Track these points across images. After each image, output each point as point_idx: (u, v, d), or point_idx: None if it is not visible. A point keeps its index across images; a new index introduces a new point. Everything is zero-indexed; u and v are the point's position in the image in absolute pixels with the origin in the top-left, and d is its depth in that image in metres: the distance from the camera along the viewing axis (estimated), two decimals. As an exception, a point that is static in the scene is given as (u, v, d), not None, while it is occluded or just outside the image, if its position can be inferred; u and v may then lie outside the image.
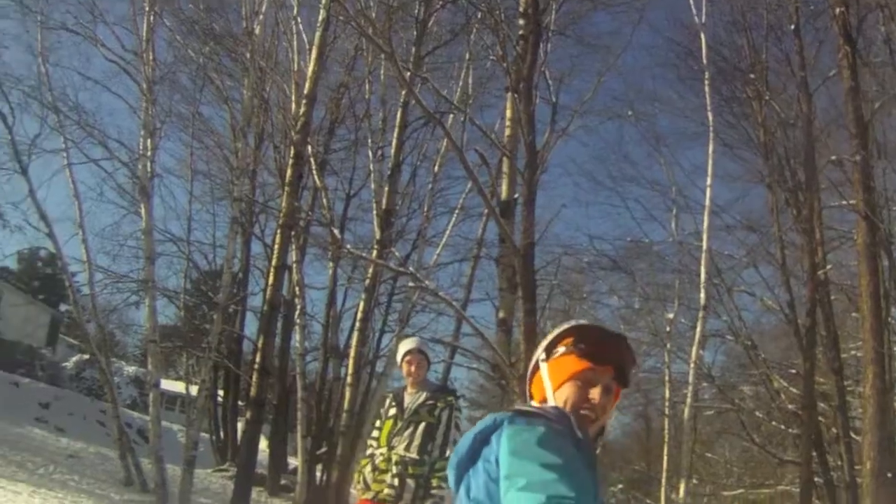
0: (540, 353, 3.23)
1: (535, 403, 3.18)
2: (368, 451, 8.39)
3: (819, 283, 22.62)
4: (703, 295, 24.23)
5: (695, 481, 30.86)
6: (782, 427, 27.03)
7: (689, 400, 24.78)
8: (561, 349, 3.14)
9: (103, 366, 25.03)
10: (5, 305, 47.48)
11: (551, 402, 3.08)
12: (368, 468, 8.17)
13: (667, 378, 28.17)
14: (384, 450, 8.08)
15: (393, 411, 8.25)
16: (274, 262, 24.82)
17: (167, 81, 27.70)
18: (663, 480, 26.57)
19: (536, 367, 3.23)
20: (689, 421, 25.06)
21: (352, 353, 25.13)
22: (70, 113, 25.33)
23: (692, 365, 24.90)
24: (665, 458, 26.73)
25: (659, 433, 36.80)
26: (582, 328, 3.21)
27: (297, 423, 29.29)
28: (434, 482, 7.81)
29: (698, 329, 24.67)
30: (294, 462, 33.44)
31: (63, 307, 61.53)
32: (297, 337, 30.52)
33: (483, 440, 2.91)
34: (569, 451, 2.67)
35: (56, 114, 25.11)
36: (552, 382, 3.11)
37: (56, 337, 57.05)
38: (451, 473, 3.13)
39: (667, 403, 28.05)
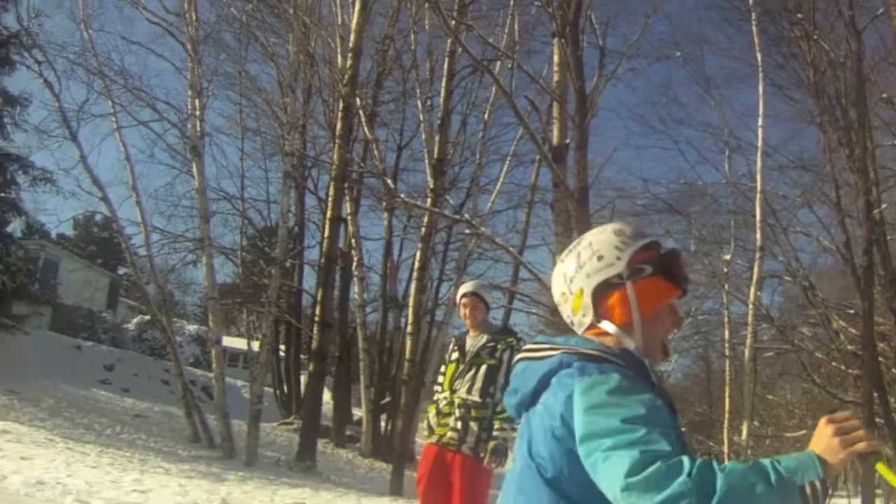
0: (615, 267, 2.89)
1: (606, 332, 2.87)
2: (435, 396, 8.44)
3: (875, 222, 22.32)
4: (758, 236, 24.08)
5: (756, 423, 30.86)
6: (842, 368, 26.74)
7: (748, 341, 24.68)
8: (647, 269, 2.89)
9: (165, 325, 25.24)
10: (64, 271, 47.76)
11: (636, 329, 2.83)
12: (433, 412, 8.21)
13: (726, 320, 28.10)
14: (447, 393, 8.09)
15: (455, 355, 8.25)
16: (329, 214, 24.90)
17: (211, 41, 27.88)
18: (725, 423, 26.46)
19: (610, 286, 2.87)
20: (749, 362, 24.95)
21: (411, 302, 25.19)
22: (116, 77, 25.59)
23: (751, 306, 24.82)
24: (727, 400, 26.67)
25: (719, 375, 36.81)
26: (673, 252, 3.05)
27: (360, 374, 29.60)
28: (496, 424, 7.79)
29: (755, 270, 24.55)
30: (358, 413, 33.75)
31: (121, 270, 61.90)
32: (355, 289, 30.83)
33: (546, 382, 2.74)
34: (648, 399, 2.51)
35: (102, 79, 25.27)
36: (641, 307, 2.85)
37: (116, 300, 57.40)
38: (510, 409, 3.00)
39: (727, 345, 27.99)
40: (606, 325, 2.87)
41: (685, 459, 2.26)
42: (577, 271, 2.94)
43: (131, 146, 26.68)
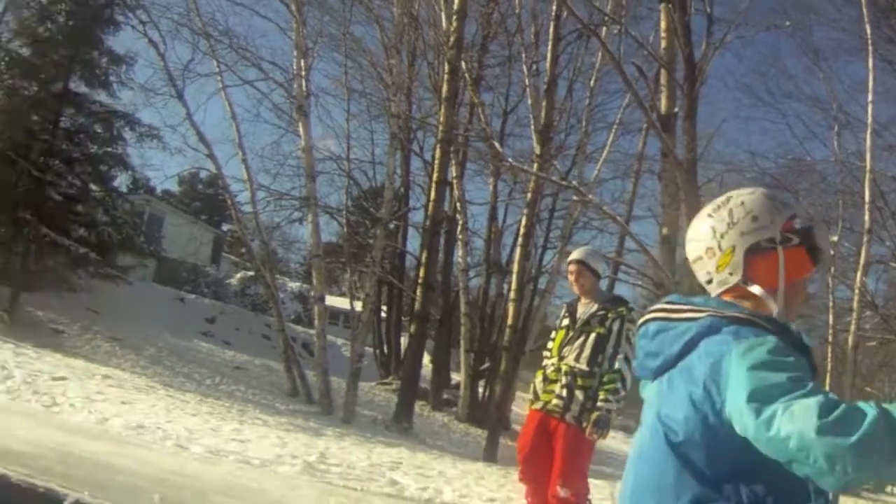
0: (769, 231, 2.85)
1: (744, 295, 2.84)
2: (543, 362, 8.36)
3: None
4: (867, 218, 23.52)
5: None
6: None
7: (852, 328, 24.18)
8: (795, 240, 2.85)
9: (268, 281, 25.45)
10: (169, 226, 48.39)
11: (780, 296, 2.79)
12: (539, 378, 8.14)
13: (830, 304, 27.72)
14: (555, 360, 8.02)
15: (566, 321, 8.16)
16: (435, 177, 24.88)
17: (316, 2, 27.98)
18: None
19: (760, 249, 2.84)
20: (851, 350, 24.52)
21: (514, 268, 25.05)
22: (221, 37, 25.86)
23: (857, 291, 24.32)
24: (826, 388, 26.30)
25: (819, 362, 36.43)
26: (816, 226, 2.98)
27: (461, 339, 29.60)
28: (602, 395, 7.70)
29: (863, 254, 24.00)
30: (456, 377, 33.77)
31: (225, 227, 62.59)
32: (459, 252, 30.87)
33: (692, 346, 2.70)
34: (805, 363, 2.52)
35: (207, 39, 25.61)
36: (787, 274, 2.83)
37: (219, 255, 58.12)
38: (646, 372, 2.94)
39: (830, 331, 27.60)
40: (755, 288, 2.83)
41: (862, 403, 2.28)
42: (729, 228, 2.88)
43: (237, 105, 26.94)
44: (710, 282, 2.94)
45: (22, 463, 3.84)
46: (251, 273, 41.07)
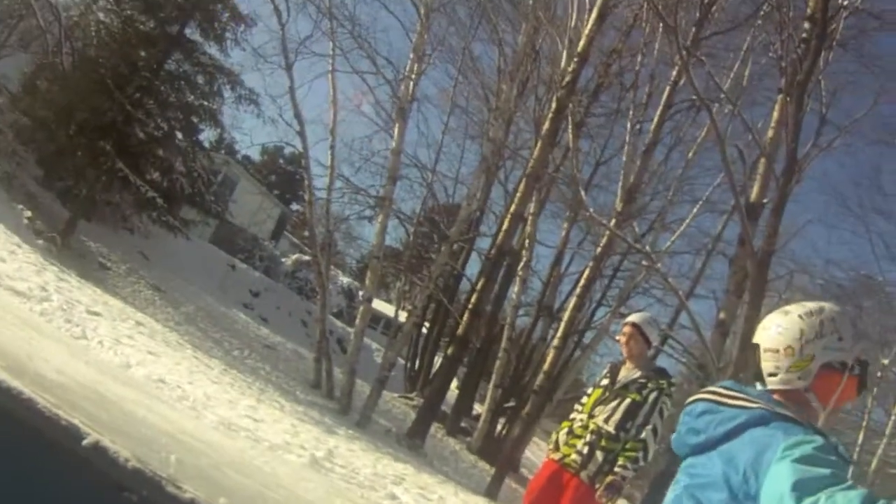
0: (847, 355, 2.99)
1: (790, 398, 2.97)
2: (572, 415, 8.26)
3: None
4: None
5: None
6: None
7: (879, 451, 23.95)
8: (856, 369, 2.99)
9: (322, 269, 25.37)
10: (240, 191, 48.77)
11: (827, 415, 2.97)
12: (565, 431, 8.06)
13: (864, 423, 27.41)
14: (584, 416, 7.94)
15: (605, 381, 8.08)
16: (512, 209, 24.78)
17: (445, 12, 28.14)
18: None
19: (831, 367, 2.97)
20: (873, 472, 24.23)
21: (565, 317, 24.88)
22: (345, 22, 25.84)
23: (893, 418, 24.06)
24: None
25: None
26: (868, 362, 3.09)
27: (493, 372, 29.40)
28: (621, 460, 7.63)
29: (908, 384, 23.82)
30: (478, 408, 33.61)
31: (294, 207, 62.83)
32: (515, 288, 30.68)
33: (737, 432, 2.80)
34: (843, 467, 2.58)
35: (330, 20, 25.47)
36: (840, 398, 3.00)
37: (281, 233, 58.41)
38: (683, 448, 3.03)
39: (857, 449, 27.28)
40: (813, 399, 2.99)
41: None
42: (816, 338, 2.98)
43: (340, 91, 26.79)
44: (773, 375, 3.03)
45: (51, 392, 3.71)
46: (306, 258, 41.27)
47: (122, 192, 28.31)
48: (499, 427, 31.35)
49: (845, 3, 18.50)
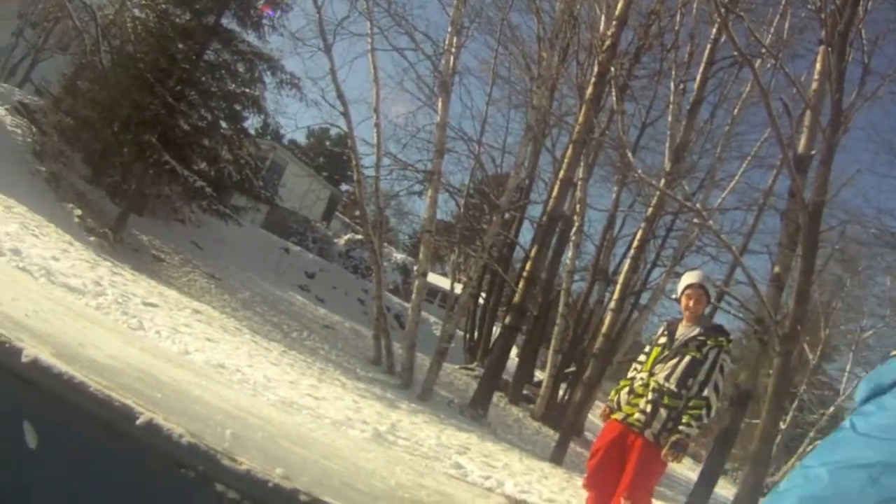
0: None
1: None
2: (630, 374, 8.26)
3: None
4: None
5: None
6: None
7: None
8: None
9: (375, 247, 25.47)
10: (289, 175, 49.01)
11: None
12: (625, 390, 8.05)
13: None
14: (644, 375, 7.94)
15: (663, 339, 8.06)
16: (561, 175, 24.70)
17: (483, -18, 27.69)
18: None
19: None
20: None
21: (620, 279, 24.91)
22: (381, 1, 25.73)
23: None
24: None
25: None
26: None
27: (552, 338, 29.48)
28: (684, 419, 7.61)
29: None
30: (539, 375, 33.73)
31: (343, 187, 63.03)
32: (569, 253, 30.82)
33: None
34: None
35: (366, 0, 25.53)
36: None
37: (332, 214, 58.62)
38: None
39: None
40: None
41: None
42: None
43: (381, 70, 26.91)
44: None
45: (103, 375, 3.84)
46: (359, 236, 41.44)
47: (170, 184, 28.49)
48: (560, 392, 31.42)
49: (883, -51, 18.46)
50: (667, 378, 7.73)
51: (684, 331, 7.97)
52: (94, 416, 3.32)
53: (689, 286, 8.19)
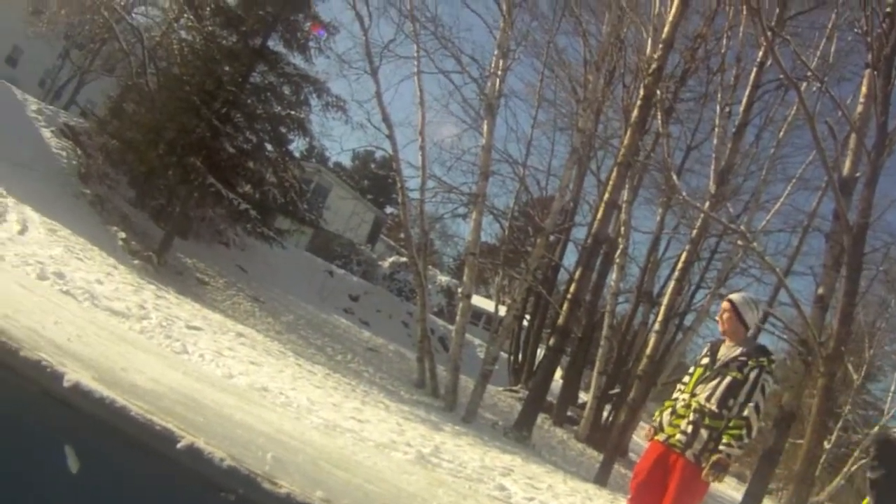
0: None
1: None
2: (674, 395, 8.28)
3: None
4: None
5: None
6: None
7: None
8: None
9: (419, 269, 25.53)
10: (333, 198, 49.24)
11: None
12: (668, 411, 8.06)
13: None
14: (686, 396, 7.95)
15: (706, 360, 8.06)
16: (605, 197, 24.72)
17: (527, 7, 28.34)
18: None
19: None
20: None
21: (664, 301, 24.90)
22: (427, 23, 26.24)
23: None
24: None
25: None
26: None
27: (596, 360, 29.48)
28: (725, 438, 7.59)
29: None
30: (584, 397, 33.66)
31: (388, 210, 63.17)
32: (613, 276, 30.76)
33: None
34: None
35: (413, 22, 25.94)
36: None
37: (376, 236, 58.80)
38: None
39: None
40: None
41: None
42: None
43: (427, 92, 27.15)
44: None
45: (145, 399, 3.89)
46: (403, 259, 41.53)
47: (214, 207, 28.53)
48: (605, 414, 31.42)
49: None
50: (708, 398, 7.74)
51: (726, 351, 7.98)
52: (135, 440, 3.45)
53: (726, 302, 8.23)
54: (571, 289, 25.93)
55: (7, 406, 3.70)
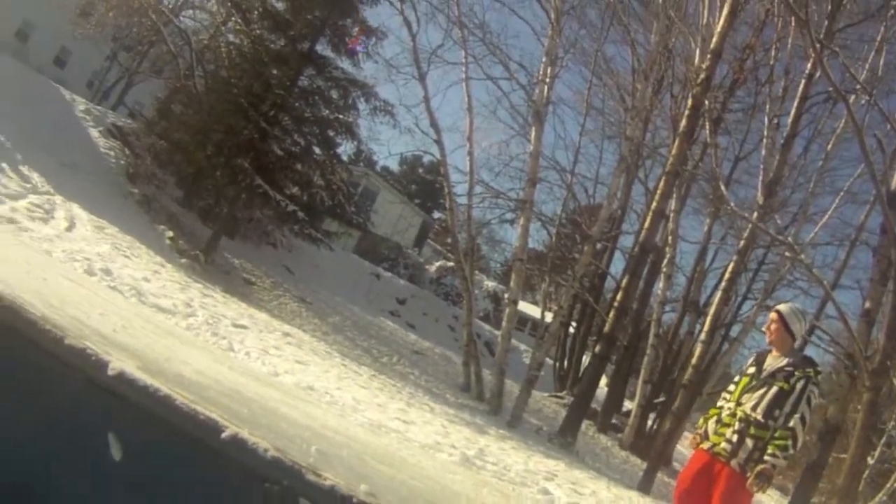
0: None
1: None
2: (719, 404, 8.29)
3: None
4: None
5: None
6: None
7: None
8: None
9: (466, 274, 25.56)
10: (381, 201, 49.37)
11: None
12: (713, 420, 8.07)
13: None
14: (732, 405, 7.96)
15: (752, 370, 8.05)
16: (653, 206, 24.67)
17: (575, 14, 28.47)
18: None
19: None
20: None
21: (711, 311, 24.82)
22: (475, 30, 26.44)
23: None
24: None
25: None
26: None
27: (642, 368, 29.44)
28: (770, 449, 7.58)
29: None
30: (628, 405, 33.58)
31: (435, 214, 63.13)
32: (660, 284, 30.63)
33: None
34: None
35: (461, 29, 26.13)
36: None
37: (423, 241, 58.79)
38: None
39: None
40: None
41: None
42: None
43: (475, 98, 27.34)
44: None
45: (190, 390, 3.85)
46: (450, 264, 41.39)
47: (262, 208, 28.71)
48: (649, 422, 31.38)
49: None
50: (753, 408, 7.74)
51: (773, 362, 7.97)
52: (179, 429, 3.47)
53: (773, 312, 8.25)
54: (618, 297, 25.90)
55: (52, 393, 3.77)
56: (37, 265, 9.32)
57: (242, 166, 25.66)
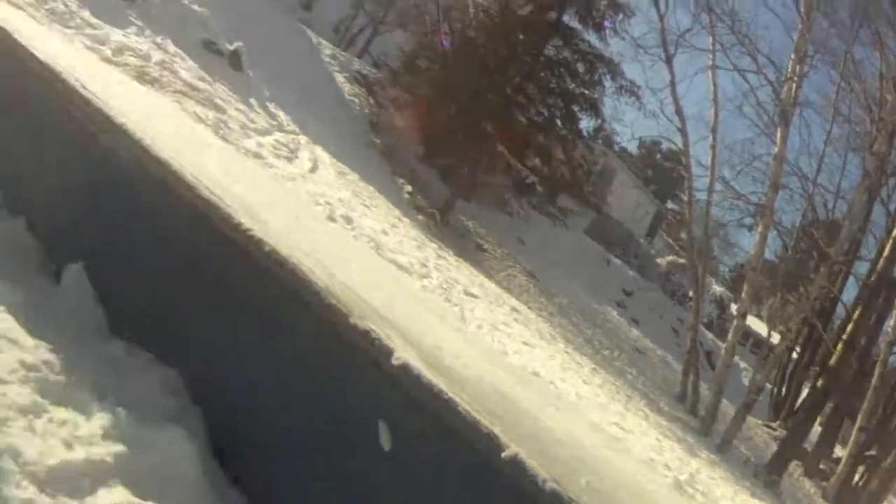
0: None
1: None
2: None
3: None
4: None
5: None
6: None
7: None
8: None
9: (698, 275, 25.23)
10: (617, 184, 48.80)
11: None
12: None
13: None
14: None
15: None
16: (894, 233, 23.30)
17: (825, 11, 27.75)
18: None
19: None
20: None
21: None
22: (724, 17, 26.16)
23: None
24: None
25: None
26: None
27: (859, 413, 27.83)
28: None
29: None
30: (839, 451, 32.00)
31: (669, 205, 62.42)
32: (891, 322, 28.84)
33: None
34: None
35: (709, 14, 25.88)
36: None
37: (656, 231, 58.33)
38: None
39: None
40: None
41: None
42: None
43: (721, 89, 26.73)
44: None
45: (466, 391, 3.65)
46: (682, 260, 40.87)
47: (502, 176, 28.72)
48: (857, 476, 29.65)
49: None
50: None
51: None
52: (455, 434, 3.32)
53: None
54: (848, 328, 24.65)
55: (329, 372, 3.80)
56: (290, 209, 9.06)
57: (486, 130, 25.81)
